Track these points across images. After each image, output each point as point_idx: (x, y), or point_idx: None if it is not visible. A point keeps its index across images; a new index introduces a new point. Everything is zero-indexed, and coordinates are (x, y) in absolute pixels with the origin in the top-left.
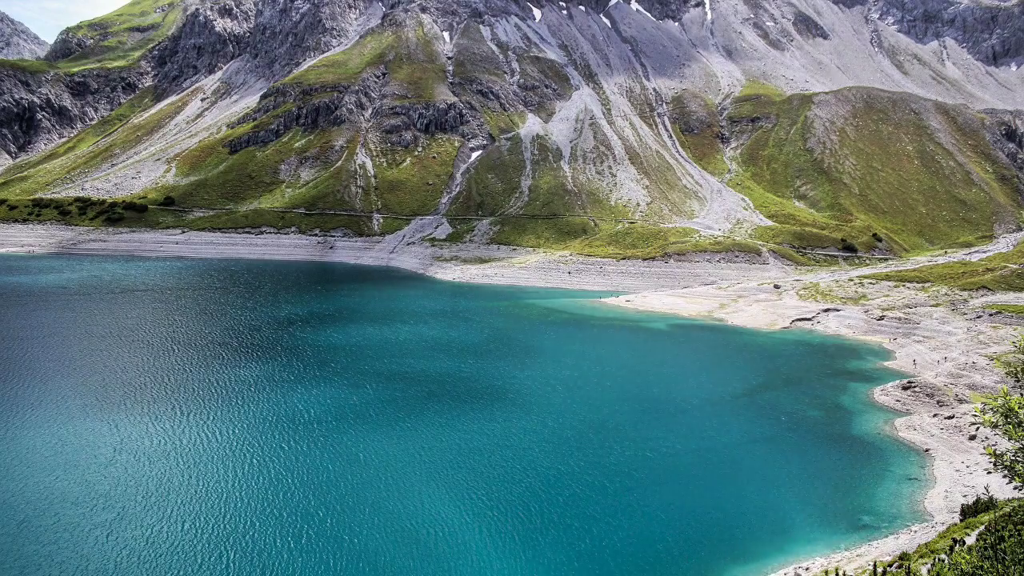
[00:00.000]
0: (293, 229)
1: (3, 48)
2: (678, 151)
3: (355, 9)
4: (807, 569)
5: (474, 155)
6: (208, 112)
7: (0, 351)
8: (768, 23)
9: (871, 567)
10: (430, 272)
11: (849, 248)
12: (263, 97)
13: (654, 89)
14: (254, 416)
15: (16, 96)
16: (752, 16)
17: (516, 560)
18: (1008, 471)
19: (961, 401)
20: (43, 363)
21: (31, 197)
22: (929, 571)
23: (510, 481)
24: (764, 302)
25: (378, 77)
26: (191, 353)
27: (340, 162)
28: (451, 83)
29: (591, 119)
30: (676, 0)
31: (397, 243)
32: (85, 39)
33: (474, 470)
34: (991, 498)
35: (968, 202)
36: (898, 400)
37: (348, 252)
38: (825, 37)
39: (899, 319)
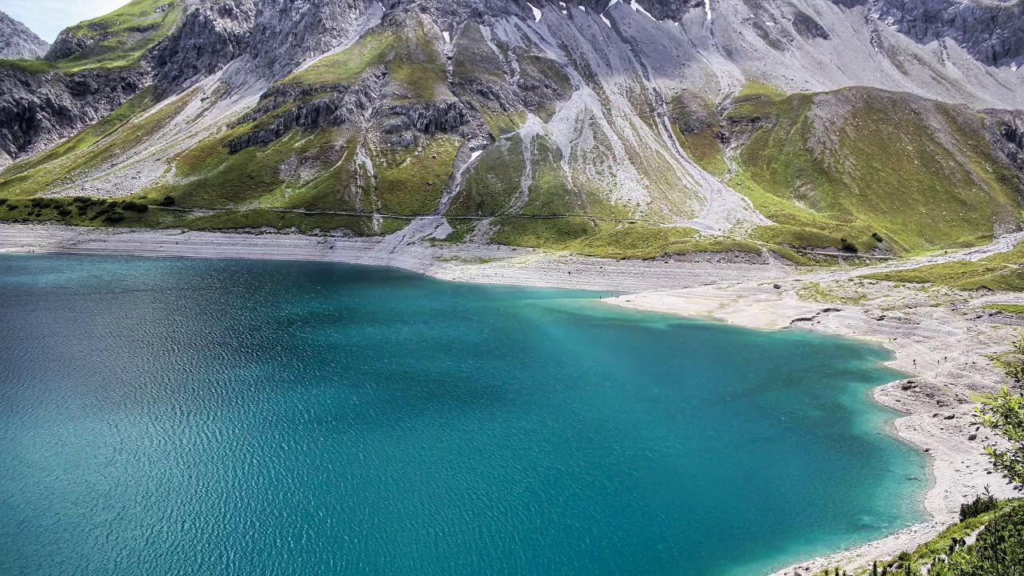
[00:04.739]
0: (293, 229)
1: (3, 48)
2: (678, 151)
3: (355, 9)
4: (807, 569)
5: (474, 155)
6: (208, 112)
7: (0, 351)
8: (768, 23)
9: (871, 567)
10: (430, 272)
11: (849, 248)
12: (263, 97)
13: (654, 89)
14: (254, 416)
15: (16, 96)
16: (752, 16)
17: (516, 560)
18: (1008, 471)
19: (961, 401)
20: (43, 363)
21: (31, 197)
22: (929, 571)
23: (510, 481)
24: (764, 302)
25: (378, 77)
26: (191, 353)
27: (340, 162)
28: (451, 83)
29: (591, 119)
30: (676, 0)
31: (397, 243)
32: (85, 39)
33: (474, 470)
34: (991, 498)
35: (968, 202)
36: (898, 400)
37: (348, 252)
38: (825, 37)
39: (899, 319)
